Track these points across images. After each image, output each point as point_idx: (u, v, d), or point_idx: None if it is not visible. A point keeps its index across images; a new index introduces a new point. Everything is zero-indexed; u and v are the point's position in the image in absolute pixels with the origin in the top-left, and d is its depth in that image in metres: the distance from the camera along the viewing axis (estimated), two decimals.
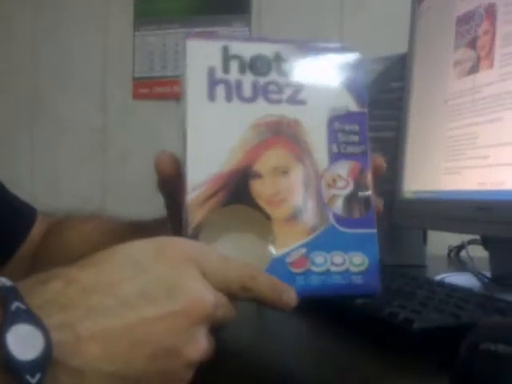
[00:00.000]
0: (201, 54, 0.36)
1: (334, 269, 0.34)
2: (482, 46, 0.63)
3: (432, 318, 0.39)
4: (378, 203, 0.37)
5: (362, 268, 0.34)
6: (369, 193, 0.36)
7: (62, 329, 0.23)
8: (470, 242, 0.90)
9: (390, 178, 0.83)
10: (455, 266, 0.92)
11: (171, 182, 0.35)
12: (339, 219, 0.35)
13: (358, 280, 0.34)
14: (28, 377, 0.21)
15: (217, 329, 0.29)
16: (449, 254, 1.01)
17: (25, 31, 1.64)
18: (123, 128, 1.59)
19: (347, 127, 0.36)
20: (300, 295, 0.32)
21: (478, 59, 0.63)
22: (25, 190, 1.70)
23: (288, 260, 0.33)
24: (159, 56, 1.60)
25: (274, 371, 0.36)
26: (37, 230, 0.57)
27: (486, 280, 0.65)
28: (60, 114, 1.62)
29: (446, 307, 0.42)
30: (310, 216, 0.34)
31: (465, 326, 0.34)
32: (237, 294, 0.29)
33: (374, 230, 0.35)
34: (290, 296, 0.31)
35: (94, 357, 0.23)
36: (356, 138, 0.37)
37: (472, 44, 0.65)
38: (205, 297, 0.27)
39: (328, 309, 0.49)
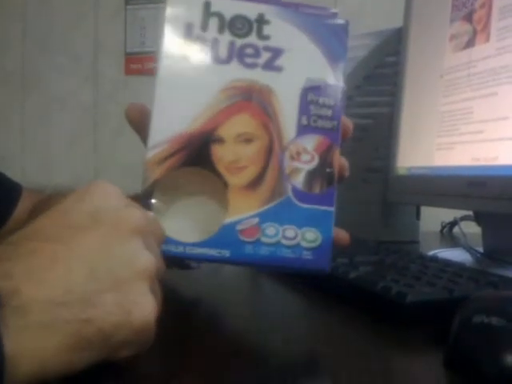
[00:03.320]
0: (181, 8, 0.35)
1: (284, 242, 0.33)
2: (479, 20, 0.62)
3: (425, 292, 0.39)
4: (347, 123, 0.38)
5: (314, 245, 0.34)
6: (332, 170, 0.35)
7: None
8: (463, 218, 0.91)
9: (384, 154, 0.83)
10: (448, 241, 0.93)
11: (142, 132, 0.36)
12: (298, 193, 0.34)
13: (307, 256, 0.33)
14: None
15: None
16: (442, 230, 1.01)
17: (14, 5, 1.61)
18: (115, 104, 1.57)
19: (321, 100, 0.35)
20: (247, 263, 0.32)
21: (475, 33, 0.63)
22: (16, 167, 1.68)
23: (239, 227, 0.33)
24: (151, 31, 1.58)
25: (266, 344, 0.36)
26: (23, 206, 0.57)
27: (479, 255, 0.65)
28: (51, 89, 1.60)
29: (438, 281, 0.42)
30: (267, 186, 0.34)
31: (458, 300, 0.34)
32: None
33: (332, 208, 0.34)
34: None
35: (33, 289, 0.23)
36: (329, 113, 0.36)
37: (468, 17, 0.64)
38: (130, 211, 0.27)
39: (321, 283, 0.49)
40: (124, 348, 0.25)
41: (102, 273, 0.24)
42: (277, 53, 0.35)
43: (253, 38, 0.35)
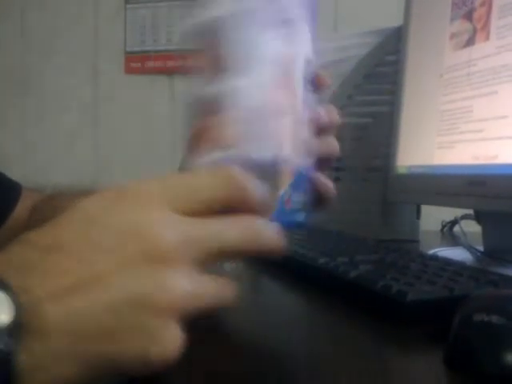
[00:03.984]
0: None
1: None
2: (479, 18, 0.62)
3: (425, 291, 0.39)
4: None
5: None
6: None
7: (21, 292, 0.22)
8: (463, 217, 0.91)
9: (384, 153, 0.83)
10: (448, 240, 0.93)
11: None
12: None
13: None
14: (4, 345, 0.21)
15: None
16: (442, 229, 1.01)
17: (14, 3, 1.61)
18: (115, 103, 1.57)
19: None
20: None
21: (475, 31, 0.63)
22: (16, 166, 1.69)
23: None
24: (151, 29, 1.58)
25: (266, 343, 0.36)
26: (22, 205, 0.57)
27: (479, 254, 0.65)
28: (51, 88, 1.60)
29: (439, 280, 0.42)
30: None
31: (458, 298, 0.34)
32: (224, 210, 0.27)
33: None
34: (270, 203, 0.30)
35: (56, 317, 0.22)
36: None
37: (468, 16, 0.64)
38: (159, 236, 0.24)
39: (321, 280, 0.49)
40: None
41: (123, 307, 0.23)
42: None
43: None
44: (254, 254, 0.28)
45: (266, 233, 0.28)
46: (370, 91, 0.86)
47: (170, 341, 0.24)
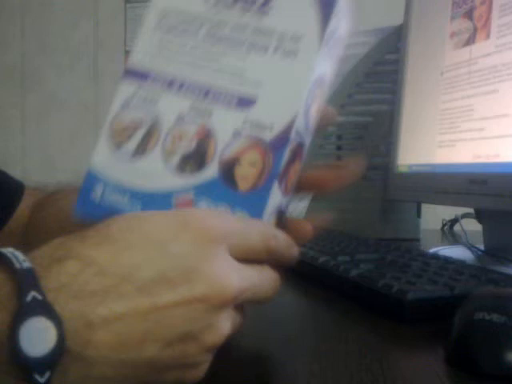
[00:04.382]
0: None
1: None
2: (479, 17, 0.62)
3: (426, 289, 0.39)
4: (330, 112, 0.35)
5: None
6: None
7: (75, 318, 0.21)
8: (464, 216, 0.91)
9: (384, 151, 0.83)
10: (449, 239, 0.92)
11: None
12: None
13: None
14: (37, 376, 0.20)
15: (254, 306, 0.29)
16: (442, 228, 1.01)
17: (14, 3, 1.60)
18: None
19: None
20: None
21: (475, 30, 0.63)
22: (17, 166, 1.69)
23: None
24: None
25: (266, 341, 0.36)
26: (25, 204, 0.57)
27: (480, 252, 0.65)
28: (51, 88, 1.60)
29: (440, 278, 0.42)
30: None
31: (459, 297, 0.34)
32: (263, 259, 0.28)
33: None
34: (296, 249, 0.32)
35: (106, 345, 0.22)
36: None
37: (469, 14, 0.64)
38: (226, 282, 0.25)
39: (322, 279, 0.49)
40: None
41: (172, 341, 0.24)
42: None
43: None
44: None
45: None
46: (370, 90, 0.86)
47: (203, 369, 0.26)
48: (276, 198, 0.30)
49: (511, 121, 0.56)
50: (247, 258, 0.27)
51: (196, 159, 0.30)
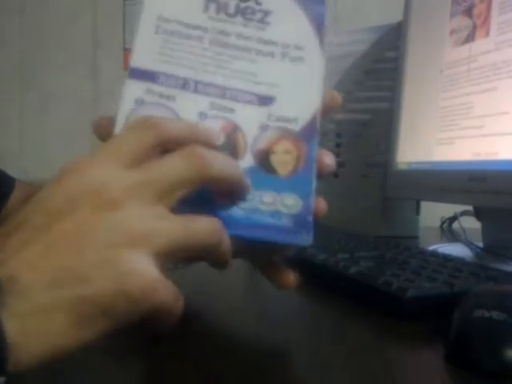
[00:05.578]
0: None
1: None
2: (479, 14, 0.62)
3: (425, 287, 0.39)
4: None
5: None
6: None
7: None
8: (463, 214, 0.91)
9: (384, 149, 0.83)
10: (448, 237, 0.93)
11: None
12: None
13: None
14: None
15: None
16: (441, 226, 1.01)
17: (12, 1, 1.60)
18: (114, 100, 1.57)
19: None
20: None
21: (474, 27, 0.63)
22: (15, 164, 1.68)
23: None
24: None
25: (266, 339, 0.36)
26: (15, 197, 0.57)
27: (479, 250, 0.65)
28: (50, 86, 1.60)
29: (439, 276, 0.42)
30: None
31: (458, 294, 0.34)
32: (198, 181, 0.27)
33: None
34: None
35: (27, 277, 0.23)
36: None
37: (468, 12, 0.64)
38: (105, 181, 0.25)
39: (321, 277, 0.49)
40: (136, 317, 0.24)
41: (89, 250, 0.24)
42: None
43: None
44: (210, 186, 0.28)
45: (218, 159, 0.27)
46: (369, 87, 0.86)
47: (141, 271, 0.24)
48: (315, 181, 0.32)
49: (511, 118, 0.56)
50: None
51: (228, 152, 0.30)
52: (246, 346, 0.34)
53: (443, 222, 1.01)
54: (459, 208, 0.93)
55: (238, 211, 0.30)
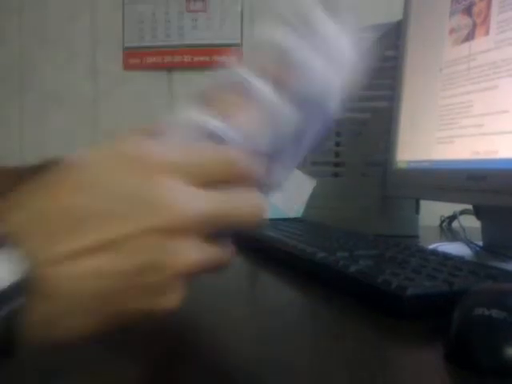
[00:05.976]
0: None
1: None
2: (478, 13, 0.62)
3: (425, 285, 0.39)
4: None
5: None
6: None
7: (33, 256, 0.22)
8: (462, 212, 0.91)
9: (383, 148, 0.83)
10: (447, 235, 0.93)
11: None
12: None
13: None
14: (7, 305, 0.21)
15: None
16: (441, 224, 1.01)
17: (11, 0, 1.60)
18: (114, 99, 1.57)
19: None
20: None
21: (474, 26, 0.63)
22: (15, 163, 1.68)
23: None
24: (149, 25, 1.57)
25: (265, 337, 0.36)
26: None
27: (478, 249, 0.65)
28: (50, 85, 1.59)
29: (438, 274, 0.42)
30: None
31: (458, 293, 0.34)
32: (233, 183, 0.28)
33: None
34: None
35: (66, 281, 0.23)
36: None
37: (468, 10, 0.64)
38: (184, 205, 0.25)
39: (321, 275, 0.49)
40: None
41: (131, 271, 0.24)
42: None
43: None
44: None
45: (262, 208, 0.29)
46: (369, 86, 0.86)
47: (172, 299, 0.25)
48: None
49: (510, 117, 0.56)
50: (211, 185, 0.27)
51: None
52: (245, 345, 0.34)
53: (443, 221, 1.01)
54: (459, 207, 0.93)
55: None
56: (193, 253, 0.25)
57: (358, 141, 0.86)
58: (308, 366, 0.30)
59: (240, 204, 0.28)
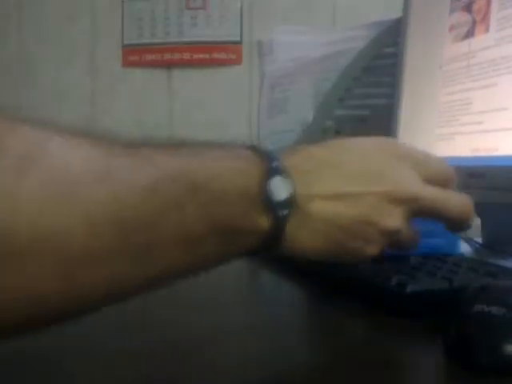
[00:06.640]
0: None
1: None
2: (478, 10, 0.62)
3: (425, 282, 0.40)
4: None
5: None
6: None
7: (301, 185, 0.30)
8: None
9: None
10: None
11: None
12: None
13: None
14: (280, 211, 0.29)
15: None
16: None
17: None
18: (113, 96, 1.57)
19: None
20: None
21: (474, 23, 0.63)
22: None
23: None
24: (148, 22, 1.57)
25: (265, 335, 0.36)
26: None
27: (478, 246, 0.65)
28: (49, 82, 1.59)
29: (438, 271, 0.42)
30: None
31: (457, 290, 0.34)
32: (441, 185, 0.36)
33: None
34: (470, 213, 0.38)
35: (318, 209, 0.31)
36: None
37: (468, 7, 0.64)
38: (408, 185, 0.34)
39: (321, 274, 0.49)
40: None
41: (362, 220, 0.33)
42: None
43: None
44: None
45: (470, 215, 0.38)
46: (368, 84, 0.86)
47: (374, 248, 0.34)
48: None
49: (510, 114, 0.56)
50: (435, 182, 0.35)
51: None
52: (244, 343, 0.34)
53: None
54: None
55: None
56: (399, 221, 0.33)
57: None
58: (308, 364, 0.30)
59: (455, 200, 0.36)
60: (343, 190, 0.32)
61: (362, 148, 0.35)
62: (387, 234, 0.34)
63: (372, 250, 0.34)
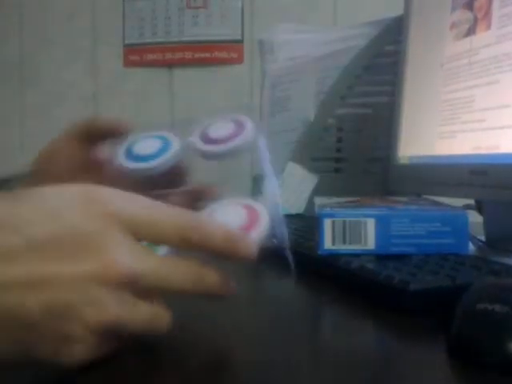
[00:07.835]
0: None
1: None
2: (480, 7, 0.62)
3: (428, 280, 0.39)
4: None
5: None
6: None
7: None
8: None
9: (384, 143, 0.83)
10: None
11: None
12: None
13: None
14: None
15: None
16: None
17: None
18: (114, 95, 1.57)
19: None
20: None
21: (476, 21, 0.62)
22: (15, 162, 1.68)
23: None
24: (149, 22, 1.57)
25: (268, 333, 0.36)
26: None
27: (481, 243, 0.65)
28: (50, 82, 1.59)
29: (441, 269, 0.42)
30: None
31: (460, 288, 0.34)
32: (179, 247, 0.28)
33: None
34: (247, 245, 0.30)
35: None
36: None
37: (469, 5, 0.64)
38: (113, 261, 0.25)
39: (323, 271, 0.49)
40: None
41: (53, 309, 0.24)
42: None
43: None
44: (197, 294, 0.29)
45: (212, 278, 0.29)
46: (370, 82, 0.85)
47: (79, 350, 0.25)
48: None
49: None
50: (159, 243, 0.28)
51: None
52: (247, 339, 0.34)
53: None
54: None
55: None
56: (114, 306, 0.25)
57: (359, 137, 0.86)
58: (309, 362, 0.30)
59: (179, 272, 0.28)
60: (23, 264, 0.24)
61: (56, 201, 0.26)
62: (94, 330, 0.25)
63: (80, 352, 0.25)
